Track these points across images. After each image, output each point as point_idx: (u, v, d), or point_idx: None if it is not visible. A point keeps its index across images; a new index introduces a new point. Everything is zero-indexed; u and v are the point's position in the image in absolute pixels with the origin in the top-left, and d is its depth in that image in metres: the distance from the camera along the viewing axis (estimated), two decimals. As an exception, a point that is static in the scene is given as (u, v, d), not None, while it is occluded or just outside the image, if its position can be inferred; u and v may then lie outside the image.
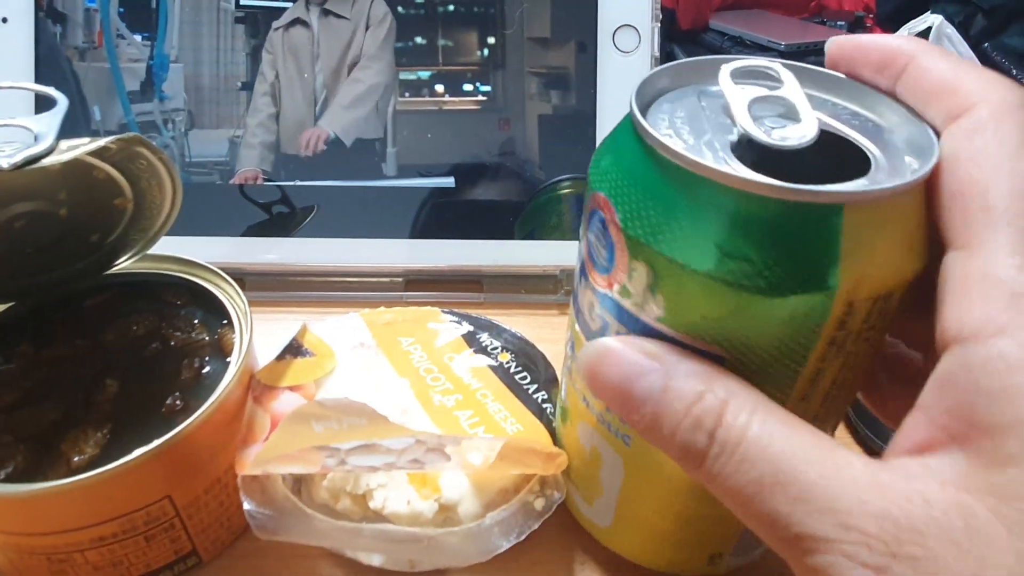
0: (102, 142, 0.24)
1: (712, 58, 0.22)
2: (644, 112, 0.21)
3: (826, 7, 1.73)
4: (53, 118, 0.24)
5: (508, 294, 0.42)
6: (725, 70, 0.20)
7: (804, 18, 1.76)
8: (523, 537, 0.26)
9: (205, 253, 0.32)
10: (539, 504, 0.27)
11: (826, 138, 0.20)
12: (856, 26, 1.62)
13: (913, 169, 0.19)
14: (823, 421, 0.21)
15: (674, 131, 0.20)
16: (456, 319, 0.34)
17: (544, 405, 0.30)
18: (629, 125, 0.20)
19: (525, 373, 0.31)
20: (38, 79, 0.39)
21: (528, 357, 0.33)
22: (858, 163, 0.20)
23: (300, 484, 0.28)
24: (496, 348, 0.33)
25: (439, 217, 0.42)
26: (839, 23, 1.64)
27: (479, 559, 0.26)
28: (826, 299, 0.18)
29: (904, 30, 1.41)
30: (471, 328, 0.34)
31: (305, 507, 0.26)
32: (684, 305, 0.19)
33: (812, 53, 1.53)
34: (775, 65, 0.21)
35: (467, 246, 0.41)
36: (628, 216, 0.20)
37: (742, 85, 0.20)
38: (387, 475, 0.27)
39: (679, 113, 0.21)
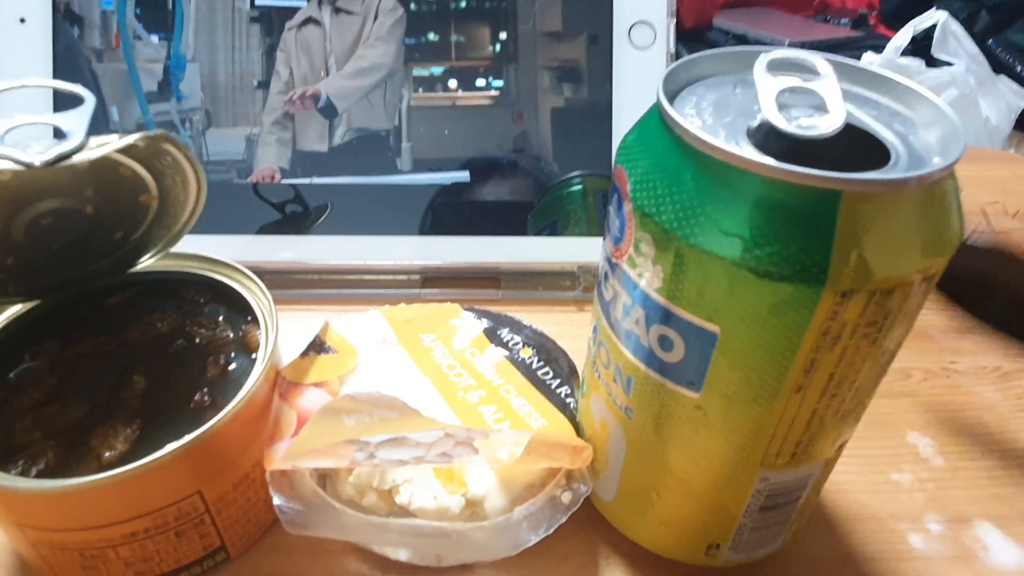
0: (130, 139, 0.24)
1: (757, 48, 0.22)
2: (677, 93, 0.21)
3: (830, 4, 1.73)
4: (82, 115, 0.24)
5: (526, 291, 0.42)
6: (763, 59, 0.20)
7: (808, 15, 1.76)
8: (551, 531, 0.26)
9: (223, 251, 0.32)
10: (566, 498, 0.27)
11: (856, 133, 0.21)
12: (860, 23, 1.63)
13: (940, 166, 0.19)
14: (825, 419, 0.21)
15: (697, 111, 0.20)
16: (476, 315, 0.35)
17: (567, 400, 0.30)
18: (656, 105, 0.21)
19: (547, 368, 0.31)
20: (57, 79, 0.39)
21: (549, 352, 0.33)
22: (886, 159, 0.20)
23: (325, 480, 0.28)
24: (517, 344, 0.33)
25: (455, 213, 0.42)
26: (843, 20, 1.64)
27: (507, 553, 0.26)
28: (816, 285, 0.18)
29: (909, 27, 1.41)
30: (491, 324, 0.34)
31: (333, 502, 0.26)
32: (681, 278, 0.20)
33: (816, 51, 1.53)
34: (814, 57, 0.21)
35: (484, 243, 0.41)
36: (637, 187, 0.20)
37: (780, 76, 0.20)
38: (413, 470, 0.27)
39: (709, 97, 0.21)
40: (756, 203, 0.18)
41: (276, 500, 0.25)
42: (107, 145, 0.24)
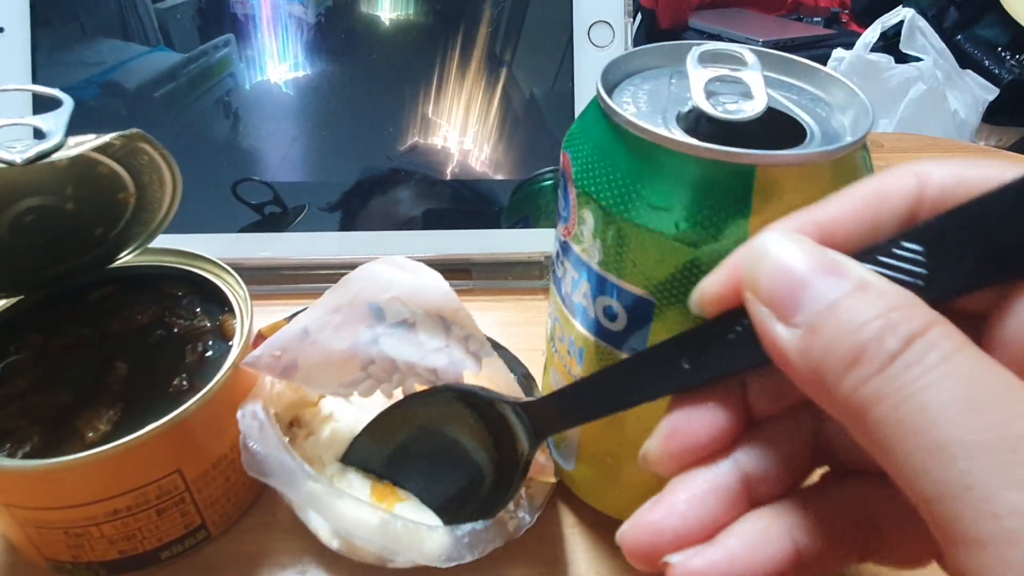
0: (106, 138, 0.26)
1: (688, 42, 0.24)
2: (615, 86, 0.23)
3: (803, 4, 1.76)
4: (60, 117, 0.25)
5: (496, 280, 0.43)
6: (694, 52, 0.22)
7: (781, 15, 1.79)
8: (485, 553, 0.25)
9: (205, 250, 0.33)
10: (511, 525, 0.26)
11: (781, 116, 0.22)
12: (832, 22, 1.66)
13: (844, 143, 0.21)
14: None
15: (633, 100, 0.22)
16: None
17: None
18: (596, 96, 0.23)
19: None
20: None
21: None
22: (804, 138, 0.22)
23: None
24: None
25: (429, 207, 0.43)
26: (815, 19, 1.67)
27: (438, 564, 0.25)
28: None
29: (877, 24, 1.44)
30: None
31: (297, 456, 0.26)
32: (619, 251, 0.21)
33: (790, 49, 1.56)
34: (741, 49, 0.23)
35: (456, 236, 0.43)
36: (579, 170, 0.22)
37: (710, 66, 0.22)
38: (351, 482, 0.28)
39: (645, 87, 0.23)
40: (681, 180, 0.20)
41: (246, 439, 0.26)
42: (84, 144, 0.25)
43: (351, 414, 0.30)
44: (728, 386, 0.18)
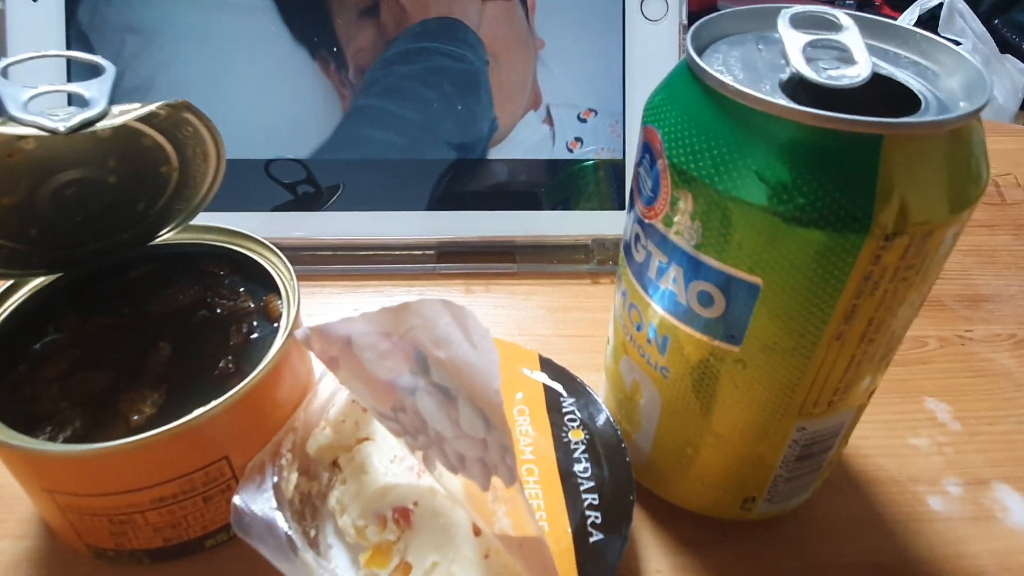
0: (152, 107, 0.24)
1: (774, 6, 0.22)
2: (700, 53, 0.21)
3: (835, -15, 1.72)
4: (103, 84, 0.24)
5: (541, 264, 0.42)
6: (785, 15, 0.20)
7: (813, -3, 1.74)
8: None
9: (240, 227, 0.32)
10: None
11: (883, 83, 0.21)
12: (865, 3, 1.62)
13: (973, 108, 0.19)
14: (862, 365, 0.22)
15: (726, 68, 0.20)
16: (552, 373, 0.31)
17: (588, 514, 0.25)
18: (683, 63, 0.21)
19: (588, 465, 0.27)
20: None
21: (603, 445, 0.28)
22: (914, 107, 0.20)
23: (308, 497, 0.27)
24: (574, 421, 0.29)
25: (470, 187, 0.42)
26: (849, 1, 1.63)
27: None
28: (861, 230, 0.18)
29: (916, 6, 1.40)
30: (561, 388, 0.30)
31: (295, 536, 0.24)
32: (723, 232, 0.20)
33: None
34: (836, 12, 0.21)
35: (499, 217, 0.42)
36: (673, 145, 0.20)
37: (804, 30, 0.20)
38: None
39: (734, 54, 0.21)
40: (799, 152, 0.18)
41: (237, 499, 0.24)
42: (129, 113, 0.24)
43: (380, 469, 0.26)
44: None
